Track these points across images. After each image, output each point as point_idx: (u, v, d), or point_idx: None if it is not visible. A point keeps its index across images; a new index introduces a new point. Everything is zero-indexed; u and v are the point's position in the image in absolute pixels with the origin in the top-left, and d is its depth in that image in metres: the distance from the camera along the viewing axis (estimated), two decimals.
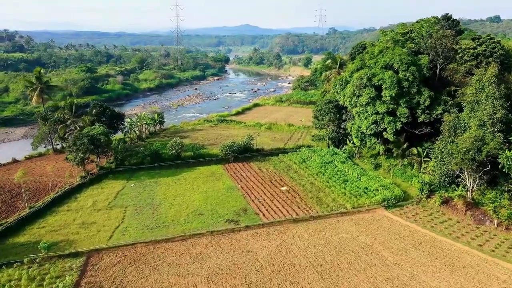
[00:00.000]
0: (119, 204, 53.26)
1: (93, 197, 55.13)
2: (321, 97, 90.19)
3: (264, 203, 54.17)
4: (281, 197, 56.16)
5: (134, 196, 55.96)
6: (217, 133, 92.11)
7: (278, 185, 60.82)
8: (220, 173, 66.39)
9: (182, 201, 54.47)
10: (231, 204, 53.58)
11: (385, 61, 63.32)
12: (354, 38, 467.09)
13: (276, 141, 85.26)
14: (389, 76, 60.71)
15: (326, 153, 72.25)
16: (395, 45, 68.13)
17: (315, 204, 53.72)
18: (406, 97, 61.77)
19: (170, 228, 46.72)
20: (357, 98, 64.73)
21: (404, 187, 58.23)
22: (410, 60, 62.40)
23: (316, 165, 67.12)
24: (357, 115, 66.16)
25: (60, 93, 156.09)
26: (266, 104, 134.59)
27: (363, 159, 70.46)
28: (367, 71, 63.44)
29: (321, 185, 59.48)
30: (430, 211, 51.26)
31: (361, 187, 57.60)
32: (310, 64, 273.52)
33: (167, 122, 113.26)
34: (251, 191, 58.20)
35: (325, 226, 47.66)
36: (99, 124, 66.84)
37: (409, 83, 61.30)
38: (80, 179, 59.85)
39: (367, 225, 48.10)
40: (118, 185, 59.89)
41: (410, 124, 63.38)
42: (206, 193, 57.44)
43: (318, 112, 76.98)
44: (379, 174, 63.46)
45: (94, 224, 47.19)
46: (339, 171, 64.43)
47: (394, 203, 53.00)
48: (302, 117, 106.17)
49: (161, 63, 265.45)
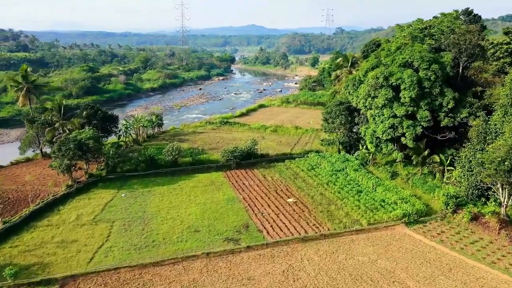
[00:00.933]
0: (106, 217, 47.57)
1: (78, 210, 49.51)
2: (330, 98, 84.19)
3: (268, 217, 48.19)
4: (287, 210, 50.15)
5: (123, 208, 50.27)
6: (219, 136, 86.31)
7: (284, 196, 54.83)
8: (220, 181, 60.54)
9: (176, 214, 48.67)
10: (231, 219, 47.67)
11: (404, 58, 57.09)
12: (361, 38, 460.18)
13: (282, 145, 79.26)
14: (409, 75, 54.45)
15: (337, 160, 66.09)
16: (413, 41, 61.90)
17: (326, 219, 47.63)
18: (427, 98, 55.44)
19: (160, 248, 40.92)
20: (372, 100, 58.54)
21: (426, 200, 51.92)
22: (431, 57, 56.07)
23: (326, 173, 61.02)
24: (372, 118, 59.95)
25: (60, 93, 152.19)
26: (272, 105, 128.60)
27: (378, 166, 64.21)
28: (384, 70, 57.22)
29: (332, 197, 53.38)
30: (458, 229, 44.89)
31: (377, 199, 51.40)
32: (317, 64, 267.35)
33: (169, 124, 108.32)
34: (254, 203, 52.27)
35: (338, 247, 41.57)
36: (89, 127, 61.34)
37: (430, 83, 55.01)
38: (65, 188, 54.31)
39: (386, 245, 41.93)
40: (108, 195, 54.26)
41: (431, 128, 57.06)
42: (204, 205, 51.59)
43: (328, 115, 70.80)
44: (397, 184, 57.18)
45: (74, 243, 41.51)
46: (351, 180, 58.26)
47: (415, 219, 46.72)
48: (310, 119, 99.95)
49: (166, 62, 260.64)
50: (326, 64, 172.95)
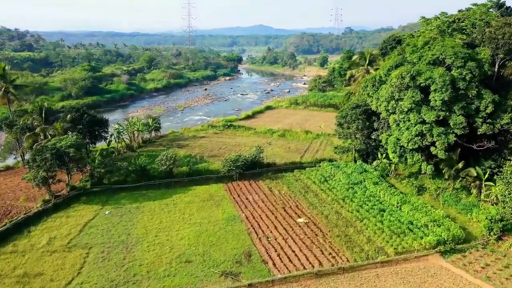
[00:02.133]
0: (83, 242, 40.24)
1: (52, 231, 42.25)
2: (344, 100, 76.17)
3: (275, 243, 40.51)
4: (298, 234, 42.39)
5: (105, 230, 42.92)
6: (221, 141, 78.82)
7: (293, 215, 47.09)
8: (220, 195, 53.00)
9: (166, 238, 41.18)
10: (231, 245, 40.07)
11: (434, 55, 48.99)
12: (371, 38, 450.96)
13: (291, 152, 71.51)
14: (441, 74, 46.33)
15: (354, 170, 58.18)
16: (441, 36, 53.83)
17: (343, 246, 39.80)
18: (461, 101, 47.20)
19: (142, 285, 33.44)
20: (396, 103, 50.51)
21: (462, 222, 43.86)
22: (467, 54, 47.93)
23: (341, 187, 53.19)
24: (395, 124, 51.87)
25: (59, 94, 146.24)
26: (280, 107, 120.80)
27: (400, 179, 56.21)
28: (410, 68, 49.16)
29: (350, 216, 45.50)
30: (506, 261, 36.81)
31: (404, 220, 43.39)
32: (326, 63, 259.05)
33: (171, 126, 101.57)
34: (258, 224, 44.60)
35: (361, 284, 33.78)
36: (72, 133, 54.18)
37: (466, 84, 46.82)
38: (41, 204, 47.15)
39: (420, 283, 34.01)
40: (89, 212, 46.98)
41: (465, 136, 48.89)
42: (200, 225, 44.06)
43: (343, 119, 62.88)
44: (425, 201, 49.12)
45: (39, 278, 34.18)
46: (371, 195, 50.34)
47: (452, 248, 38.74)
48: (321, 122, 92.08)
49: (171, 62, 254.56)
50: (337, 63, 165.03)
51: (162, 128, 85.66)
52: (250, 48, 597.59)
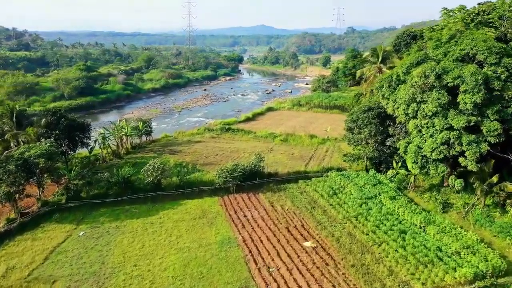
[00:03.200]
0: (46, 274, 33.46)
1: (12, 259, 35.52)
2: (353, 102, 69.19)
3: (277, 275, 33.71)
4: (304, 262, 35.52)
5: (76, 257, 36.15)
6: (218, 146, 71.98)
7: (299, 237, 40.24)
8: (214, 211, 46.18)
9: (147, 268, 34.37)
10: (224, 278, 33.25)
11: (463, 50, 42.18)
12: (373, 38, 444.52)
13: (295, 159, 64.67)
14: (472, 73, 39.48)
15: (366, 182, 51.30)
16: (467, 29, 47.04)
17: (360, 279, 32.92)
18: (496, 104, 40.33)
19: None
20: (418, 105, 43.64)
21: (500, 248, 36.88)
22: (502, 49, 41.08)
23: (353, 202, 46.31)
24: (416, 130, 44.97)
25: (51, 94, 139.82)
26: (282, 108, 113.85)
27: (420, 192, 49.26)
28: (434, 65, 42.29)
29: (365, 240, 38.63)
30: None
31: (431, 246, 36.47)
32: (329, 63, 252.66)
33: (167, 128, 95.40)
34: (257, 249, 37.78)
35: None
36: (46, 140, 47.46)
37: (501, 84, 40.02)
38: (5, 223, 40.44)
39: None
40: (60, 234, 40.20)
41: (499, 145, 42.02)
42: (189, 251, 37.23)
43: (354, 123, 56.09)
44: (452, 220, 42.18)
45: None
46: (389, 213, 43.43)
47: (494, 283, 31.84)
48: (326, 125, 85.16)
49: (171, 62, 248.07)
50: (340, 63, 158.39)
51: (154, 132, 79.07)
52: (251, 48, 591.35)
